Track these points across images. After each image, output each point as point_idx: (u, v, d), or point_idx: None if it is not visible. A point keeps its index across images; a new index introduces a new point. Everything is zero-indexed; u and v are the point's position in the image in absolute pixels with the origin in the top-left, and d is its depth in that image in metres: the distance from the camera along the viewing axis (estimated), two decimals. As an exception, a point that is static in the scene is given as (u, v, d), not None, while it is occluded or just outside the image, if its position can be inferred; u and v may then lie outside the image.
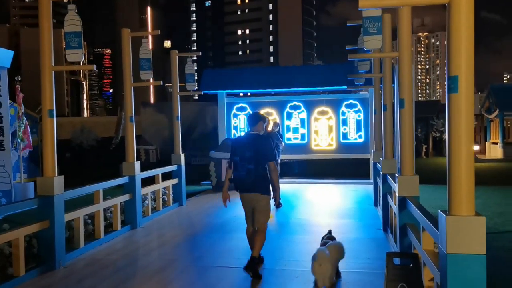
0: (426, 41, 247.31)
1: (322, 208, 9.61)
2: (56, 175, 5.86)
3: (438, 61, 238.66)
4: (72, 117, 66.44)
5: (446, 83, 3.17)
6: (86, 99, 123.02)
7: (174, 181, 10.07)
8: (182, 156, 10.35)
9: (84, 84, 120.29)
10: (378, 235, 7.16)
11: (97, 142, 21.97)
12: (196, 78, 13.12)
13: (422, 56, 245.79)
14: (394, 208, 6.13)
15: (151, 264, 5.87)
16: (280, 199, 9.38)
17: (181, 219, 8.95)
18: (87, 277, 5.45)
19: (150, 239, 7.31)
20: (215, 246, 6.73)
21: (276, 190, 5.54)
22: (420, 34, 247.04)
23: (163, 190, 9.60)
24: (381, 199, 7.56)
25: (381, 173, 7.40)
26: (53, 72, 5.85)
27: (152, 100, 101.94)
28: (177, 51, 10.27)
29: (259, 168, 5.34)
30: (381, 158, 7.57)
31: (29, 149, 11.64)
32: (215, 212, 9.46)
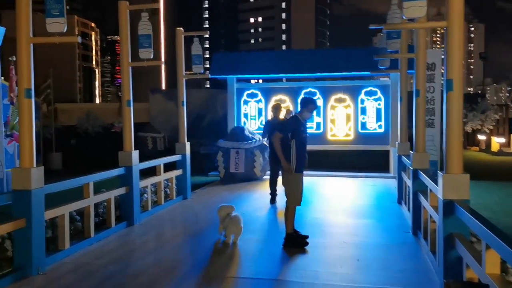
0: (442, 31, 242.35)
1: (340, 205, 8.69)
2: (35, 165, 5.01)
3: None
4: (81, 103, 65.97)
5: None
6: (99, 86, 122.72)
7: (178, 172, 9.22)
8: (187, 145, 9.48)
9: (97, 71, 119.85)
10: (407, 240, 6.23)
11: (103, 128, 21.20)
12: (207, 63, 12.20)
13: (437, 46, 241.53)
14: (432, 211, 5.19)
15: (145, 271, 5.02)
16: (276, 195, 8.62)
17: (184, 215, 8.10)
18: (68, 286, 4.62)
19: (147, 239, 6.46)
20: (220, 249, 5.86)
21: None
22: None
23: (165, 182, 8.75)
24: (410, 197, 6.61)
25: (411, 168, 6.45)
26: (32, 44, 4.96)
27: (163, 87, 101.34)
28: (182, 29, 9.35)
29: None
30: (411, 152, 6.61)
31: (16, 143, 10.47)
32: (222, 208, 8.58)
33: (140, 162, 7.59)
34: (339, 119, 13.08)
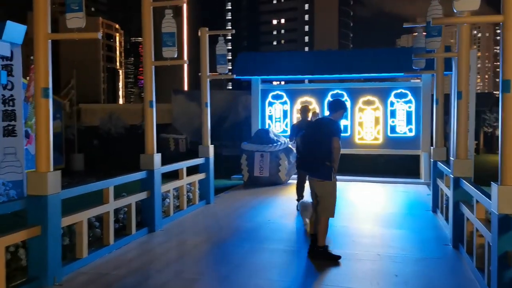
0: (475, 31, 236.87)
1: (370, 213, 8.23)
2: (51, 169, 4.73)
3: (479, 54, 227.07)
4: (104, 104, 66.54)
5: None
6: (122, 87, 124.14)
7: (201, 176, 8.90)
8: (211, 148, 9.15)
9: (120, 72, 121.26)
10: (447, 254, 5.75)
11: (126, 129, 21.11)
12: (229, 65, 11.96)
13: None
14: (479, 225, 4.72)
15: (165, 285, 4.68)
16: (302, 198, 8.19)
17: (207, 221, 7.77)
18: (84, 300, 4.32)
19: (168, 247, 6.14)
20: (245, 260, 5.49)
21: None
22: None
23: (188, 186, 8.44)
24: (450, 207, 6.13)
25: (452, 176, 5.97)
26: (50, 41, 4.70)
27: (186, 88, 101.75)
28: (207, 28, 9.03)
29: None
30: (451, 158, 6.13)
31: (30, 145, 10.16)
32: (246, 213, 8.23)
33: (162, 166, 7.30)
34: (368, 122, 12.58)
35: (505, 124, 3.70)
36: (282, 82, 18.49)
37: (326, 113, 6.17)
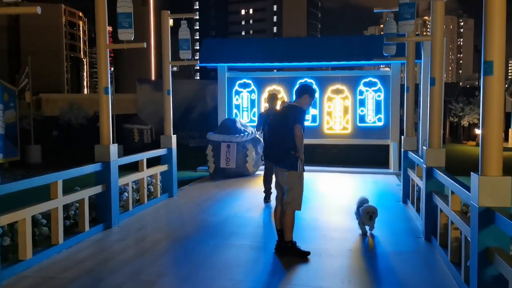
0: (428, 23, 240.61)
1: (340, 205, 7.97)
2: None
3: (450, 46, 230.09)
4: (66, 94, 64.40)
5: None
6: (87, 77, 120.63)
7: (163, 167, 8.42)
8: (174, 138, 8.66)
9: (85, 61, 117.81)
10: (420, 247, 5.52)
11: (88, 120, 20.27)
12: (197, 55, 11.34)
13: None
14: (454, 217, 4.47)
15: (120, 287, 4.24)
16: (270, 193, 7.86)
17: (169, 216, 7.32)
18: (25, 308, 3.83)
19: (125, 246, 5.66)
20: (209, 258, 5.09)
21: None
22: (426, 18, 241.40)
23: (149, 179, 7.95)
24: (423, 198, 5.90)
25: (424, 166, 5.73)
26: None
27: (153, 77, 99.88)
28: (169, 12, 8.51)
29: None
30: (424, 147, 5.89)
31: None
32: (212, 207, 7.83)
33: (122, 157, 6.81)
34: (336, 111, 12.34)
35: (486, 109, 3.42)
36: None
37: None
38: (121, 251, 5.44)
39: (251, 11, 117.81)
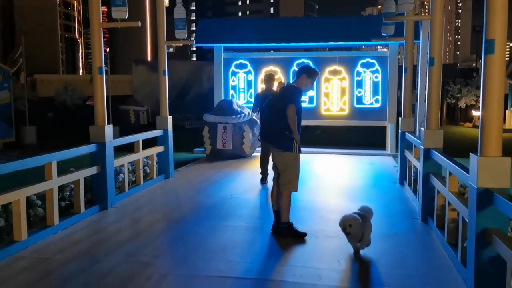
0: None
1: (336, 186, 7.96)
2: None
3: (448, 27, 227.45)
4: (61, 75, 63.82)
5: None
6: (82, 58, 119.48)
7: (159, 148, 8.36)
8: (170, 119, 8.58)
9: (80, 42, 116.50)
10: (417, 228, 5.52)
11: (83, 101, 20.09)
12: (193, 36, 11.20)
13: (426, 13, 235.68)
14: (451, 198, 4.45)
15: (114, 270, 4.21)
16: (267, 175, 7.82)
17: (165, 197, 7.29)
18: (20, 289, 3.80)
19: (121, 227, 5.64)
20: (205, 240, 5.08)
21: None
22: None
23: (145, 160, 7.90)
24: (420, 180, 5.88)
25: (422, 147, 5.69)
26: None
27: (149, 58, 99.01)
28: (163, -11, 8.34)
29: None
30: (422, 128, 5.84)
31: None
32: (208, 188, 7.80)
33: (117, 138, 6.75)
34: (334, 92, 12.26)
35: (486, 89, 3.37)
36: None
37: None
38: (116, 232, 5.42)
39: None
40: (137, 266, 4.30)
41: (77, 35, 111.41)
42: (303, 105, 11.07)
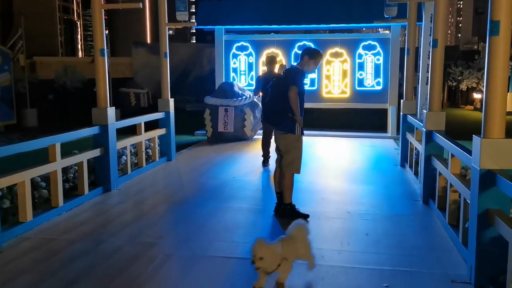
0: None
1: (338, 169, 8.00)
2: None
3: (450, 8, 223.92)
4: (61, 57, 63.46)
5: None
6: (81, 40, 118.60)
7: (161, 131, 8.37)
8: (171, 101, 8.58)
9: (78, 24, 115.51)
10: (417, 210, 5.56)
11: (83, 83, 19.99)
12: (192, 18, 11.07)
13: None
14: (453, 180, 4.48)
15: (118, 250, 4.26)
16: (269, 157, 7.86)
17: (168, 180, 7.33)
18: (25, 269, 3.85)
19: (124, 209, 5.68)
20: (208, 221, 5.13)
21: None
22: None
23: (147, 142, 7.92)
24: (422, 162, 5.90)
25: (424, 129, 5.71)
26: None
27: (149, 41, 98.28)
28: (164, -30, 8.25)
29: None
30: (424, 111, 5.84)
31: None
32: (210, 170, 7.84)
33: (118, 121, 6.75)
34: (335, 75, 12.22)
35: (491, 71, 3.36)
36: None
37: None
38: (120, 214, 5.47)
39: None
40: (141, 246, 4.35)
41: (75, 16, 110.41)
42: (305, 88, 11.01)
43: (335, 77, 12.20)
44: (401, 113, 8.01)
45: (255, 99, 10.95)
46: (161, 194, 6.44)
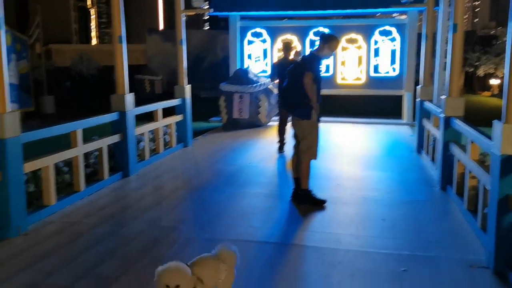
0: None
1: (353, 155, 8.00)
2: (8, 110, 4.22)
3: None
4: (76, 45, 63.79)
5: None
6: (95, 27, 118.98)
7: (178, 117, 8.44)
8: (188, 88, 8.64)
9: (92, 11, 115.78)
10: (435, 196, 5.57)
11: (99, 71, 20.14)
12: (207, 4, 11.15)
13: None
14: (473, 166, 4.48)
15: (140, 234, 4.36)
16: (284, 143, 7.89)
17: (185, 165, 7.42)
18: (52, 251, 3.97)
19: (144, 194, 5.78)
20: (226, 207, 5.21)
21: None
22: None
23: (164, 128, 8.00)
24: (440, 148, 5.88)
25: (442, 115, 5.68)
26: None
27: (162, 27, 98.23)
28: (180, -44, 8.25)
29: None
30: (442, 96, 5.81)
31: None
32: (226, 157, 7.91)
33: (136, 107, 6.84)
34: (350, 61, 12.13)
35: (512, 56, 3.34)
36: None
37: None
38: (140, 199, 5.57)
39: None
40: (162, 230, 4.45)
41: (89, 3, 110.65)
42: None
43: (350, 64, 12.12)
44: (418, 99, 7.96)
45: (270, 86, 10.95)
46: (179, 180, 6.53)
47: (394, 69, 11.99)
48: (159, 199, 5.55)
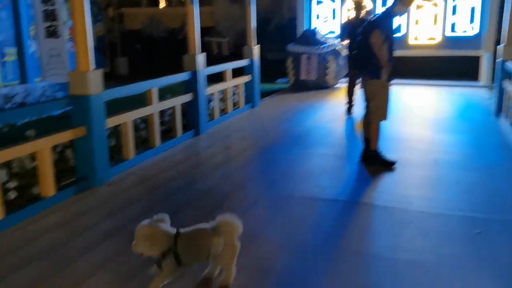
0: None
1: (425, 117, 7.74)
2: (92, 68, 4.49)
3: None
4: (145, 8, 65.12)
5: None
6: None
7: (246, 78, 8.54)
8: (256, 48, 8.67)
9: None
10: (513, 160, 5.31)
11: (168, 33, 20.59)
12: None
13: None
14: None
15: (212, 190, 4.56)
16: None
17: (253, 126, 7.55)
18: (133, 200, 4.27)
19: (214, 152, 5.97)
20: (293, 166, 5.28)
21: None
22: None
23: (233, 89, 8.14)
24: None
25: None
26: None
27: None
28: None
29: None
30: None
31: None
32: (293, 118, 7.95)
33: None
34: (425, 20, 11.53)
35: None
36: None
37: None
38: (211, 157, 5.77)
39: None
40: (232, 187, 4.62)
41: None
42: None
43: (425, 22, 11.52)
44: (499, 60, 7.48)
45: (338, 47, 10.70)
46: (247, 139, 6.68)
47: (473, 28, 11.27)
48: (229, 158, 5.74)
